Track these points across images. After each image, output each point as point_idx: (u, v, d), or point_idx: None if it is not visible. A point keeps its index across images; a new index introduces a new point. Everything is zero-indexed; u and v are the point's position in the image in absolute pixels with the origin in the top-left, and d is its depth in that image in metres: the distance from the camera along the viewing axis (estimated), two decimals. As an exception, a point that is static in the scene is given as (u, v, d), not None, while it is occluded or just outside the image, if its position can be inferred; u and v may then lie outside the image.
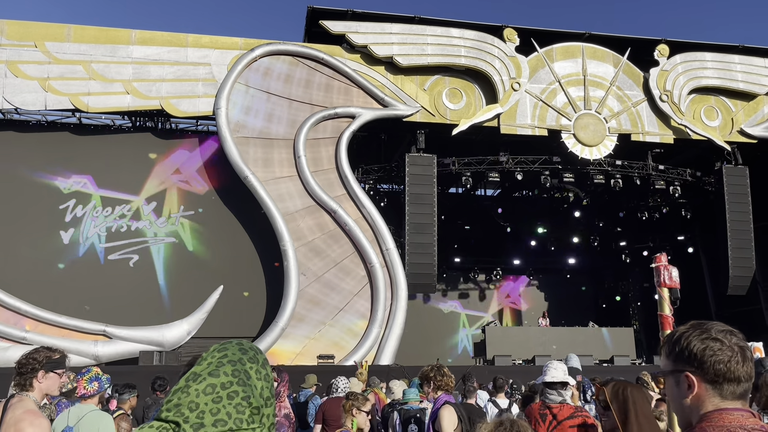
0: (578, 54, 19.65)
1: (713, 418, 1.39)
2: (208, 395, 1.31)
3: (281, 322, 16.17)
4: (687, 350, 1.45)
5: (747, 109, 20.50)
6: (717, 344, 1.43)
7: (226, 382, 1.34)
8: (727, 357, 1.42)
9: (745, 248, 19.61)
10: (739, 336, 1.46)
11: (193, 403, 1.30)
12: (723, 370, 1.41)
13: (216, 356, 1.40)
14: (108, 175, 17.94)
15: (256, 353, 1.46)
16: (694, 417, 1.44)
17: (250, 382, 1.38)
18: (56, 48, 16.77)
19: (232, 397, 1.32)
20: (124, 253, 17.65)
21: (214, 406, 1.30)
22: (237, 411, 1.32)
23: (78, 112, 17.69)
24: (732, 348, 1.43)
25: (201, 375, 1.34)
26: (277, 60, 17.92)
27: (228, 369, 1.36)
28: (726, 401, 1.42)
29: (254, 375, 1.41)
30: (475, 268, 25.70)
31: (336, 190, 17.52)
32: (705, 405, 1.42)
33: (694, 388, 1.43)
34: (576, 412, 3.90)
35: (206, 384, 1.32)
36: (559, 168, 19.56)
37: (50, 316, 15.79)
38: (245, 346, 1.46)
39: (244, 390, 1.34)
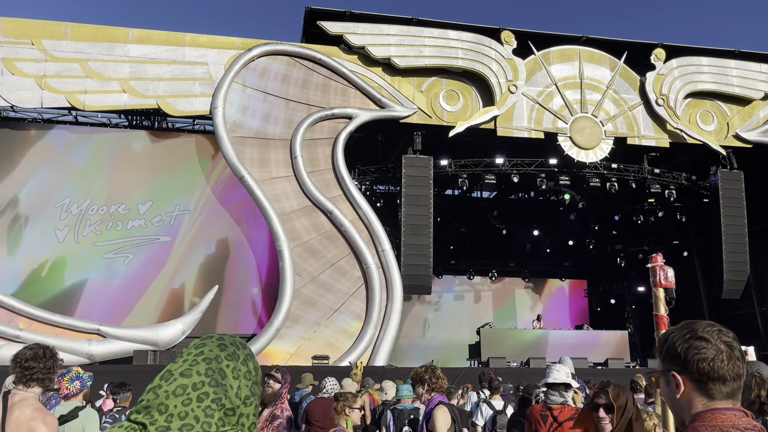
0: (575, 57, 19.71)
1: (706, 418, 1.39)
2: (177, 397, 1.26)
3: (276, 322, 16.16)
4: (672, 350, 1.46)
5: (742, 114, 20.59)
6: (702, 343, 1.42)
7: (198, 382, 1.28)
8: (711, 356, 1.41)
9: (740, 252, 19.69)
10: (728, 335, 1.45)
11: (163, 405, 1.25)
12: (707, 369, 1.41)
13: (192, 353, 1.33)
14: (104, 171, 17.91)
15: (236, 349, 1.38)
16: (687, 416, 1.44)
17: (224, 382, 1.31)
18: (53, 46, 16.73)
19: (202, 399, 1.27)
20: (118, 252, 17.60)
21: (183, 409, 1.25)
22: (205, 414, 1.26)
23: (74, 111, 17.66)
24: (717, 347, 1.42)
25: (174, 374, 1.29)
26: (274, 60, 17.92)
27: (202, 368, 1.30)
28: (716, 401, 1.41)
29: (230, 374, 1.34)
30: (471, 270, 25.73)
31: (332, 190, 17.52)
32: (695, 405, 1.42)
33: (681, 388, 1.43)
34: (577, 413, 3.90)
35: (177, 385, 1.27)
36: (555, 171, 19.61)
37: (44, 314, 15.75)
38: (225, 341, 1.38)
39: (215, 391, 1.28)
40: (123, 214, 17.81)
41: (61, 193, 17.64)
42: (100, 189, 17.87)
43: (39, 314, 15.72)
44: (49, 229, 17.39)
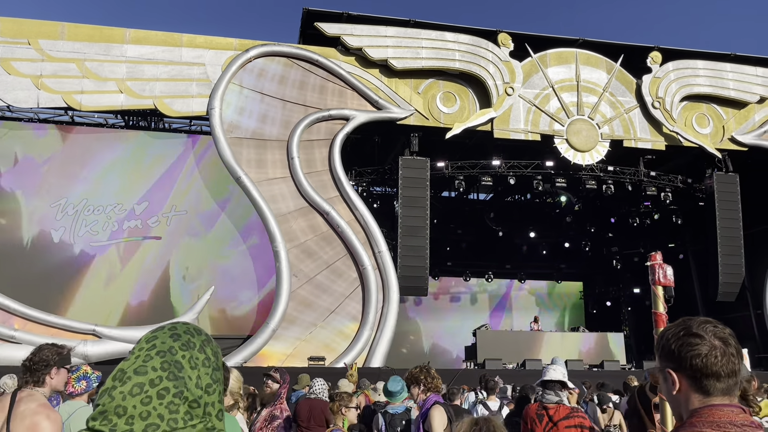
0: (572, 60, 19.76)
1: (703, 414, 1.39)
2: (135, 396, 1.17)
3: (272, 323, 16.14)
4: (667, 347, 1.46)
5: (738, 117, 20.67)
6: (696, 339, 1.43)
7: (155, 378, 1.19)
8: (704, 352, 1.41)
9: (735, 255, 19.75)
10: (723, 331, 1.45)
11: (120, 407, 1.16)
12: (700, 366, 1.41)
13: (144, 348, 1.24)
14: (103, 174, 17.87)
15: (191, 336, 1.30)
16: (684, 413, 1.44)
17: (182, 374, 1.23)
18: (50, 46, 16.70)
19: (162, 395, 1.18)
20: (114, 252, 17.57)
21: (144, 409, 1.16)
22: (170, 411, 1.18)
23: (71, 111, 17.63)
24: (711, 343, 1.42)
25: (127, 373, 1.20)
26: (271, 61, 17.92)
27: (156, 362, 1.21)
28: (713, 397, 1.41)
29: (187, 365, 1.26)
30: (467, 271, 25.75)
31: (329, 191, 17.52)
32: (691, 401, 1.43)
33: (677, 385, 1.44)
34: (572, 412, 3.91)
35: (132, 384, 1.18)
36: (552, 173, 19.65)
37: (39, 314, 15.70)
38: (178, 330, 1.30)
39: (175, 385, 1.20)
40: (119, 214, 17.77)
41: (59, 192, 17.59)
42: (95, 188, 17.82)
43: (34, 314, 15.67)
44: (46, 229, 17.34)
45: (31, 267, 16.90)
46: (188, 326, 1.33)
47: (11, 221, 17.26)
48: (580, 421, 3.87)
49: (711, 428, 1.36)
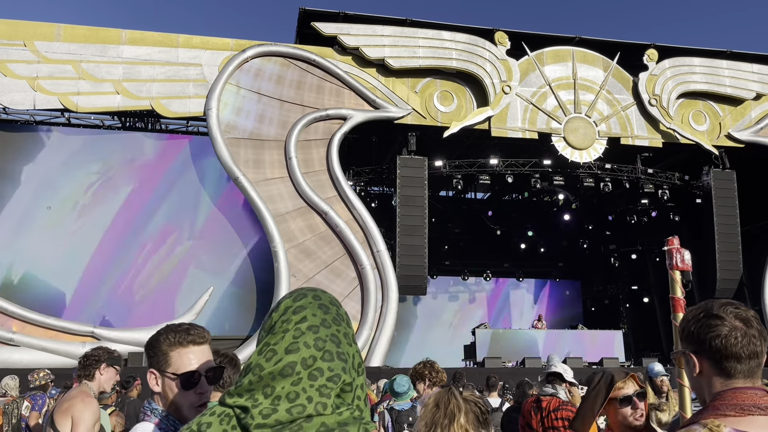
0: (568, 58, 19.78)
1: (726, 397, 1.37)
2: (286, 377, 1.08)
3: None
4: (687, 329, 1.45)
5: (734, 114, 20.73)
6: (715, 321, 1.41)
7: (308, 357, 1.10)
8: (723, 333, 1.39)
9: (733, 251, 19.81)
10: (747, 312, 1.43)
11: (269, 387, 1.09)
12: (719, 347, 1.39)
13: (292, 321, 1.14)
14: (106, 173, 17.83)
15: (338, 308, 1.20)
16: (708, 396, 1.42)
17: (341, 350, 1.13)
18: (45, 47, 16.66)
19: (315, 376, 1.09)
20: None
21: (292, 390, 1.08)
22: (320, 394, 1.09)
23: (67, 112, 17.58)
24: (731, 324, 1.40)
25: (275, 349, 1.11)
26: (268, 61, 17.90)
27: (309, 339, 1.11)
28: (735, 380, 1.39)
29: (344, 340, 1.16)
30: (465, 270, 25.77)
31: (327, 191, 17.51)
32: (713, 383, 1.41)
33: (698, 367, 1.43)
34: (562, 405, 3.98)
35: (284, 364, 1.09)
36: (549, 171, 19.67)
37: (37, 317, 15.64)
38: (324, 301, 1.18)
39: (330, 367, 1.10)
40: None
41: (50, 192, 17.54)
42: (89, 190, 17.78)
43: (32, 317, 15.61)
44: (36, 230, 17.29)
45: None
46: (330, 296, 1.22)
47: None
48: (568, 414, 3.92)
49: (735, 411, 1.34)
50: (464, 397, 2.24)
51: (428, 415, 2.21)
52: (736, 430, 1.31)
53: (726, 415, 1.34)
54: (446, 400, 2.20)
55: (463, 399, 2.22)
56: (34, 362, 13.17)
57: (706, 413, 1.38)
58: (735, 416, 1.33)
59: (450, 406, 2.18)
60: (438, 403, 2.22)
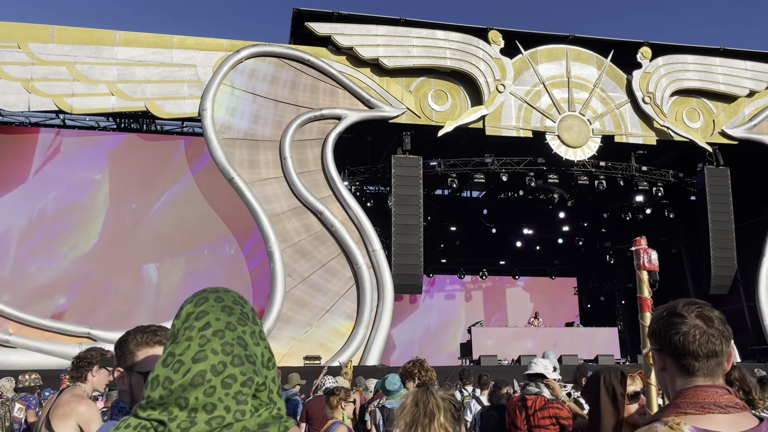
0: (562, 56, 19.84)
1: (687, 395, 1.40)
2: (197, 387, 1.03)
3: (267, 323, 16.15)
4: (652, 327, 1.49)
5: (728, 111, 20.81)
6: (677, 319, 1.44)
7: (217, 363, 1.05)
8: (683, 331, 1.42)
9: (727, 248, 19.89)
10: (711, 312, 1.46)
11: (182, 399, 1.04)
12: (678, 344, 1.41)
13: (195, 327, 1.08)
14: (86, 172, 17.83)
15: (241, 307, 1.15)
16: (672, 393, 1.45)
17: (248, 352, 1.09)
18: (40, 49, 16.65)
19: (228, 384, 1.05)
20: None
21: (208, 401, 1.03)
22: (237, 402, 1.05)
23: (62, 114, 17.58)
24: (692, 322, 1.43)
25: (182, 360, 1.05)
26: (262, 61, 17.92)
27: (216, 345, 1.06)
28: (696, 378, 1.41)
29: (251, 341, 1.12)
30: (461, 269, 25.82)
31: (322, 191, 17.54)
32: (675, 381, 1.44)
33: (662, 365, 1.46)
34: (548, 403, 4.02)
35: (194, 374, 1.04)
36: (544, 169, 19.73)
37: (34, 318, 15.64)
38: (227, 302, 1.13)
39: (242, 371, 1.06)
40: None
41: (43, 195, 17.54)
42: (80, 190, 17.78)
43: (29, 318, 15.61)
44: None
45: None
46: (233, 294, 1.17)
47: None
48: (555, 411, 3.96)
49: (695, 409, 1.37)
50: (440, 396, 2.28)
51: (407, 414, 2.24)
52: (696, 428, 1.34)
53: (686, 413, 1.37)
54: (425, 399, 2.24)
55: (440, 397, 2.26)
56: (30, 364, 13.19)
57: (667, 411, 1.41)
58: (695, 414, 1.36)
59: (429, 406, 2.22)
60: (417, 403, 2.26)
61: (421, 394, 2.19)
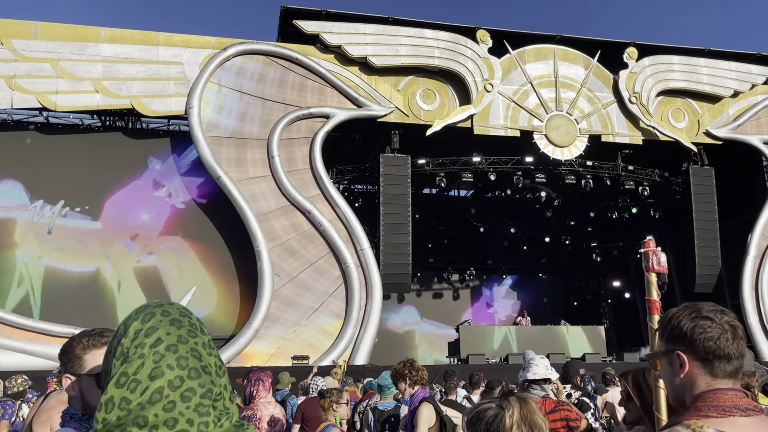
0: (550, 56, 19.91)
1: (708, 398, 1.40)
2: (155, 404, 1.01)
3: (255, 323, 16.06)
4: (678, 329, 1.47)
5: (712, 111, 21.01)
6: (707, 322, 1.44)
7: (174, 378, 1.04)
8: (716, 334, 1.43)
9: (712, 247, 20.10)
10: (730, 315, 1.48)
11: (140, 418, 1.01)
12: (713, 348, 1.42)
13: (146, 344, 1.06)
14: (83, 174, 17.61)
15: (189, 319, 1.14)
16: (688, 397, 1.44)
17: (203, 363, 1.08)
18: (23, 46, 16.42)
19: (188, 398, 1.03)
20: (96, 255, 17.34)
21: (169, 417, 1.02)
22: (199, 414, 1.04)
23: (45, 111, 17.35)
24: (722, 326, 1.44)
25: (137, 379, 1.03)
26: (250, 59, 17.81)
27: (171, 360, 1.05)
28: (718, 380, 1.42)
29: (204, 351, 1.11)
30: (449, 267, 25.85)
31: (310, 190, 17.47)
32: (698, 384, 1.43)
33: (686, 367, 1.44)
34: (558, 406, 3.94)
35: (151, 392, 1.02)
36: (531, 168, 19.80)
37: (19, 319, 15.43)
38: (174, 315, 1.12)
39: (200, 383, 1.05)
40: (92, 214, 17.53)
41: (35, 194, 17.29)
42: (73, 189, 17.55)
43: (12, 319, 15.39)
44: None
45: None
46: (179, 307, 1.18)
47: None
48: (566, 414, 3.89)
49: (716, 412, 1.37)
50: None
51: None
52: (719, 431, 1.34)
53: (708, 416, 1.37)
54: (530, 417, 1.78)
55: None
56: (14, 365, 13.01)
57: (688, 414, 1.41)
58: (717, 417, 1.37)
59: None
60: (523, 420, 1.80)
61: (526, 411, 1.78)
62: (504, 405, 1.74)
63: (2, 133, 17.57)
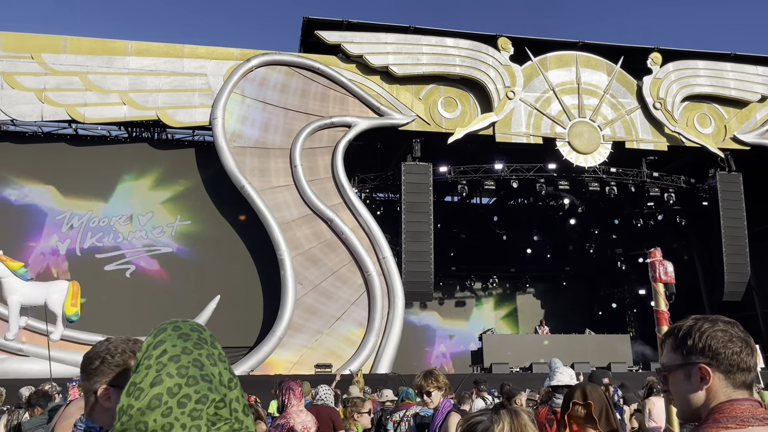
0: (572, 63, 19.80)
1: (725, 410, 1.40)
2: (154, 410, 1.09)
3: (278, 331, 16.16)
4: (701, 342, 1.46)
5: (739, 116, 20.68)
6: (727, 335, 1.46)
7: (173, 386, 1.11)
8: (739, 348, 1.44)
9: (740, 254, 19.72)
10: (740, 328, 1.50)
11: (141, 423, 1.09)
12: (737, 360, 1.44)
13: (153, 356, 1.15)
14: (99, 184, 17.95)
15: (199, 333, 1.22)
16: (704, 409, 1.44)
17: (204, 372, 1.15)
18: (53, 59, 16.82)
19: (183, 404, 1.11)
20: (120, 263, 17.62)
21: (165, 422, 1.09)
22: (192, 418, 1.11)
23: (74, 123, 17.72)
24: (740, 338, 1.46)
25: (141, 387, 1.12)
26: (273, 70, 18.01)
27: (172, 369, 1.13)
28: (736, 391, 1.44)
29: (207, 362, 1.18)
30: (471, 276, 25.73)
31: (332, 198, 17.57)
32: (718, 396, 1.44)
33: (709, 380, 1.44)
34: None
35: (150, 397, 1.10)
36: (554, 176, 19.67)
37: (45, 326, 15.69)
38: (184, 330, 1.21)
39: (196, 390, 1.12)
40: (123, 225, 17.83)
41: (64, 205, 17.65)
42: (101, 200, 17.88)
43: (41, 327, 15.66)
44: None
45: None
46: (192, 323, 1.26)
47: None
48: None
49: (735, 423, 1.38)
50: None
51: None
52: None
53: (728, 427, 1.38)
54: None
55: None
56: (44, 372, 13.25)
57: (707, 426, 1.41)
58: (736, 428, 1.37)
59: None
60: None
61: (517, 425, 1.81)
62: (494, 418, 1.75)
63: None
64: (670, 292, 2.52)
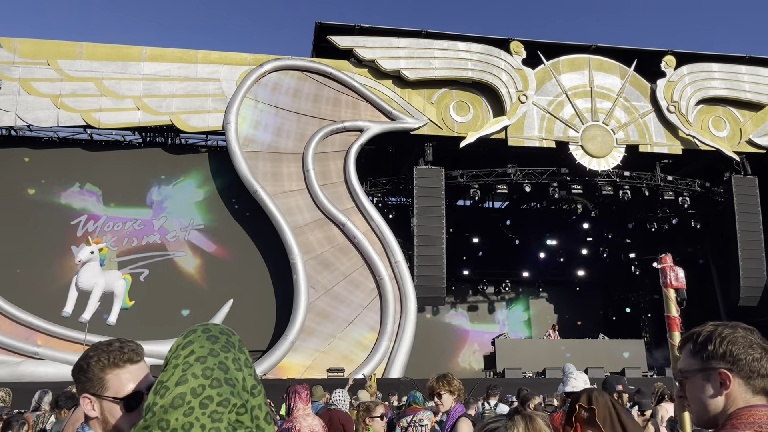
0: (585, 66, 19.72)
1: (742, 416, 1.39)
2: (177, 409, 1.11)
3: (291, 335, 16.19)
4: (722, 348, 1.45)
5: (755, 119, 20.47)
6: (747, 341, 1.45)
7: (197, 386, 1.13)
8: (759, 354, 1.44)
9: (756, 258, 19.50)
10: (759, 334, 1.49)
11: (163, 421, 1.11)
12: (757, 367, 1.43)
13: (181, 356, 1.17)
14: (118, 190, 18.10)
15: (228, 337, 1.24)
16: (722, 415, 1.43)
17: (228, 376, 1.17)
18: (68, 65, 17.02)
19: (205, 405, 1.13)
20: (135, 267, 17.75)
21: (186, 421, 1.11)
22: (212, 420, 1.12)
23: (89, 128, 17.91)
24: (760, 345, 1.46)
25: (167, 385, 1.14)
26: (285, 75, 18.10)
27: (197, 370, 1.15)
28: (755, 397, 1.43)
29: (232, 366, 1.20)
30: (484, 280, 25.64)
31: (344, 203, 17.60)
32: (736, 402, 1.43)
33: (729, 385, 1.44)
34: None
35: (173, 396, 1.12)
36: (567, 180, 19.57)
37: (61, 330, 15.87)
38: (213, 332, 1.23)
39: (219, 392, 1.14)
40: (138, 230, 17.96)
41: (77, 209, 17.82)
42: (114, 203, 18.03)
43: (57, 330, 15.85)
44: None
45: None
46: (222, 327, 1.27)
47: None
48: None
49: (753, 429, 1.37)
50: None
51: None
52: None
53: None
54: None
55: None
56: (59, 375, 13.37)
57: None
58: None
59: None
60: None
61: (532, 430, 1.78)
62: (508, 424, 1.75)
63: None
64: (681, 297, 2.50)
